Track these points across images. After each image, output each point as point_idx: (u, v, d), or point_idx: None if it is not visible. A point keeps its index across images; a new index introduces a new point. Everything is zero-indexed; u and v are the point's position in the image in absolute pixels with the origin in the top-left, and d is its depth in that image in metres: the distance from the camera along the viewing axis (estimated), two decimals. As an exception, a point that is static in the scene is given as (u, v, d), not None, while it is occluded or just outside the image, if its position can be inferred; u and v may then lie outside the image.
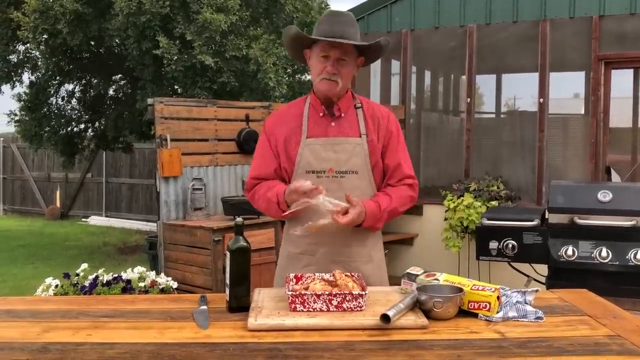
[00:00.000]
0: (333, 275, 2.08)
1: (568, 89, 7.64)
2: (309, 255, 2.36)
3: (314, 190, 2.15)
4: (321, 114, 2.36)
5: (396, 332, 1.79)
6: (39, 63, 8.88)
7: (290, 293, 1.94)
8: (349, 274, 2.11)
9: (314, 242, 2.35)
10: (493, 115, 7.42)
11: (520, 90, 7.20)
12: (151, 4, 7.02)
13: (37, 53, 8.76)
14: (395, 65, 7.05)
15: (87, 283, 4.27)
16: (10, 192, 14.39)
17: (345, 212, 2.19)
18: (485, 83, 7.15)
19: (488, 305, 1.92)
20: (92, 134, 9.45)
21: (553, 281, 3.74)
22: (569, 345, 1.70)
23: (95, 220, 12.50)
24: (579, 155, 6.24)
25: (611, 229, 3.65)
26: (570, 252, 3.69)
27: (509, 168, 6.41)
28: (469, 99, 6.49)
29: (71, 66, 8.61)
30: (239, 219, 2.07)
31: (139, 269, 4.61)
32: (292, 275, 2.13)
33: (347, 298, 1.92)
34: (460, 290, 1.96)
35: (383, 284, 2.41)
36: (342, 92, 2.36)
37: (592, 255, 3.65)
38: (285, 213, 2.26)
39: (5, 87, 9.19)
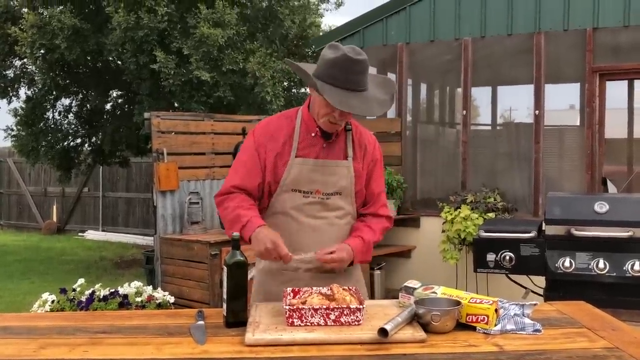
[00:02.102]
0: (331, 289, 2.07)
1: (563, 101, 7.69)
2: (291, 271, 2.33)
3: (286, 257, 2.15)
4: (313, 134, 2.30)
5: (394, 346, 1.79)
6: (36, 78, 8.89)
7: (287, 307, 1.93)
8: (346, 287, 2.10)
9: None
10: (489, 128, 7.45)
11: (515, 102, 7.24)
12: (149, 18, 7.05)
13: (34, 68, 8.78)
14: (391, 79, 7.07)
15: (83, 298, 4.25)
16: (7, 206, 14.35)
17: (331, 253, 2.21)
18: (480, 95, 7.18)
19: (486, 318, 1.92)
20: (89, 148, 9.44)
21: (551, 293, 3.73)
22: (567, 358, 1.70)
23: (92, 234, 12.46)
24: (575, 166, 6.26)
25: (608, 240, 3.65)
26: (567, 263, 3.69)
27: (505, 180, 6.42)
28: (464, 112, 6.52)
29: (68, 81, 8.62)
30: (235, 234, 2.07)
31: (136, 283, 4.60)
32: (289, 289, 2.12)
33: (345, 312, 1.92)
34: (458, 303, 1.95)
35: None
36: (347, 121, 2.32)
37: (590, 266, 3.66)
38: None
39: (2, 102, 9.19)
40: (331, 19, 34.78)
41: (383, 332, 1.79)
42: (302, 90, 9.38)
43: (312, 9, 9.15)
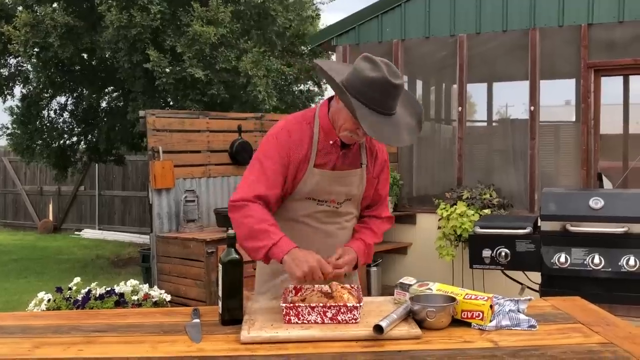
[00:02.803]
0: (330, 287, 2.07)
1: (558, 97, 7.70)
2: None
3: (328, 275, 2.10)
4: (331, 142, 2.22)
5: (389, 342, 1.79)
6: (31, 76, 8.87)
7: (284, 305, 1.93)
8: (347, 285, 2.09)
9: None
10: (485, 124, 7.45)
11: (511, 98, 7.25)
12: (141, 17, 7.03)
13: (29, 66, 8.76)
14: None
15: (79, 297, 4.24)
16: (3, 205, 14.31)
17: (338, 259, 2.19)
18: (476, 92, 7.18)
19: (481, 314, 1.93)
20: (84, 146, 9.43)
21: (546, 289, 3.74)
22: (562, 354, 1.71)
23: (88, 233, 12.44)
24: (570, 162, 6.27)
25: (603, 236, 3.66)
26: (563, 259, 3.70)
27: (501, 176, 6.43)
28: (460, 108, 6.52)
29: (63, 79, 8.60)
30: (231, 231, 2.07)
31: (132, 282, 4.59)
32: (291, 286, 2.12)
33: (342, 310, 1.92)
34: (453, 299, 1.96)
35: None
36: None
37: (585, 262, 3.67)
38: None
39: (-3, 101, 9.17)
40: (328, 16, 34.72)
41: (378, 328, 1.79)
42: (297, 87, 9.37)
43: (306, 6, 9.13)
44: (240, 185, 2.23)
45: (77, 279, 4.52)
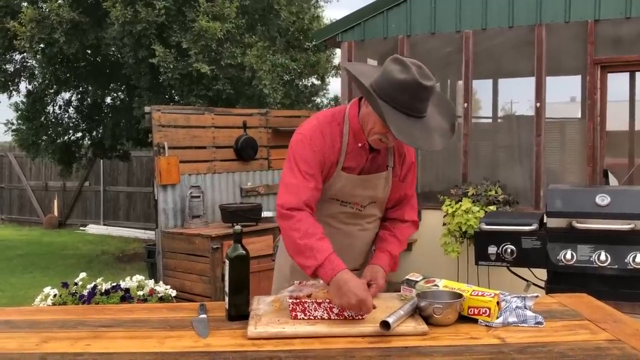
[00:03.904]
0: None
1: (564, 93, 7.68)
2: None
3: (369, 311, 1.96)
4: (360, 145, 2.18)
5: (396, 338, 1.79)
6: (36, 72, 8.88)
7: (290, 301, 1.93)
8: None
9: None
10: (490, 120, 7.43)
11: (516, 94, 7.23)
12: (147, 12, 7.03)
13: (34, 62, 8.76)
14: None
15: (85, 292, 4.26)
16: (8, 201, 14.36)
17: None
18: (482, 88, 7.17)
19: (488, 311, 1.92)
20: (89, 142, 9.44)
21: (552, 285, 3.73)
22: (569, 350, 1.70)
23: (94, 228, 12.47)
24: (576, 159, 6.25)
25: (609, 233, 3.65)
26: (569, 256, 3.69)
27: (506, 172, 6.42)
28: (465, 104, 6.50)
29: (68, 75, 8.60)
30: (237, 227, 2.07)
31: (138, 277, 4.61)
32: (296, 282, 2.12)
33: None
34: (460, 296, 1.96)
35: None
36: None
37: (591, 259, 3.65)
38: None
39: (2, 97, 9.17)
40: (332, 12, 34.67)
41: (385, 325, 1.79)
42: (303, 82, 9.35)
43: (311, 2, 9.12)
44: (283, 190, 2.15)
45: (82, 274, 4.53)
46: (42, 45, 7.81)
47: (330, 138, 2.17)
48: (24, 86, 9.15)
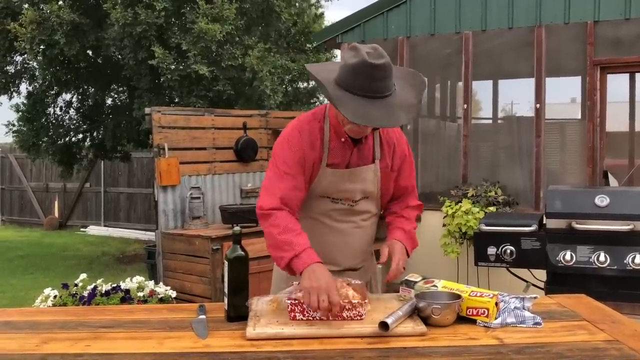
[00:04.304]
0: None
1: (564, 94, 7.69)
2: None
3: (336, 306, 1.93)
4: (343, 140, 2.20)
5: (395, 339, 1.80)
6: (37, 73, 8.89)
7: (289, 302, 1.94)
8: (350, 282, 2.09)
9: (326, 261, 2.32)
10: (490, 121, 7.44)
11: (516, 95, 7.23)
12: (146, 14, 7.04)
13: (35, 63, 8.77)
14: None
15: (85, 293, 4.26)
16: (9, 202, 14.37)
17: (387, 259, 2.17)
18: (481, 89, 7.17)
19: (486, 312, 1.93)
20: (90, 143, 9.45)
21: (552, 286, 3.73)
22: (567, 351, 1.71)
23: (94, 230, 12.48)
24: (576, 160, 6.25)
25: (609, 234, 3.65)
26: (568, 257, 3.69)
27: (506, 173, 6.42)
28: (465, 105, 6.51)
29: (69, 76, 8.62)
30: (236, 228, 2.08)
31: (138, 278, 4.61)
32: (296, 283, 2.12)
33: (347, 307, 1.92)
34: (459, 296, 1.96)
35: None
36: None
37: (590, 260, 3.66)
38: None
39: (3, 98, 9.19)
40: (332, 13, 34.67)
41: (384, 325, 1.80)
42: (303, 84, 9.36)
43: (311, 2, 9.13)
44: (263, 192, 2.20)
45: (83, 275, 4.54)
46: (42, 47, 7.83)
47: (309, 136, 2.19)
48: (24, 87, 9.18)
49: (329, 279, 1.96)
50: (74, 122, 9.23)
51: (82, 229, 12.69)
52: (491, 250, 3.94)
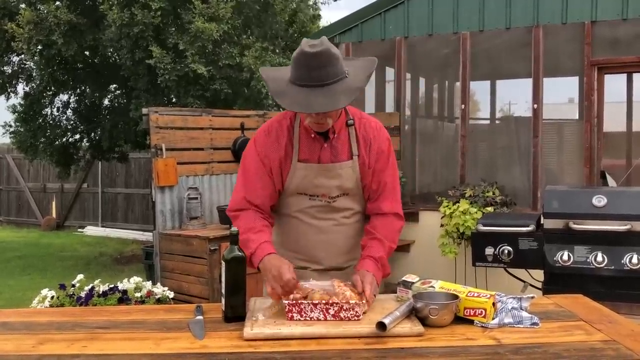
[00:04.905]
0: (332, 284, 2.07)
1: (562, 94, 7.68)
2: (299, 268, 2.28)
3: (289, 281, 1.99)
4: (313, 135, 2.21)
5: (392, 340, 1.79)
6: (34, 74, 8.88)
7: (287, 302, 1.94)
8: (347, 282, 2.10)
9: (307, 259, 2.33)
10: (488, 121, 7.44)
11: (514, 96, 7.24)
12: (143, 15, 7.03)
13: (32, 64, 8.76)
14: (390, 73, 7.07)
15: (83, 294, 4.25)
16: (6, 202, 14.34)
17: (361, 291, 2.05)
18: (479, 89, 7.17)
19: (484, 312, 1.93)
20: (87, 144, 9.44)
21: (549, 286, 3.74)
22: (564, 351, 1.71)
23: (92, 230, 12.46)
24: (573, 160, 6.26)
25: (606, 234, 3.65)
26: (565, 257, 3.70)
27: (504, 174, 6.43)
28: (463, 106, 6.51)
29: (66, 76, 8.60)
30: (234, 228, 2.07)
31: (135, 279, 4.60)
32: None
33: (344, 307, 1.92)
34: (456, 297, 1.96)
35: None
36: (337, 118, 2.18)
37: (588, 260, 3.66)
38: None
39: (0, 99, 9.18)
40: (330, 14, 34.62)
41: (381, 326, 1.80)
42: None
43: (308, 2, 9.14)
44: (232, 194, 2.31)
45: (80, 276, 4.52)
46: (39, 47, 7.82)
47: (276, 134, 2.23)
48: (21, 88, 9.17)
49: (278, 263, 2.04)
50: (71, 122, 9.22)
51: (79, 230, 12.67)
52: (489, 251, 3.95)
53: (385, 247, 2.25)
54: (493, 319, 1.94)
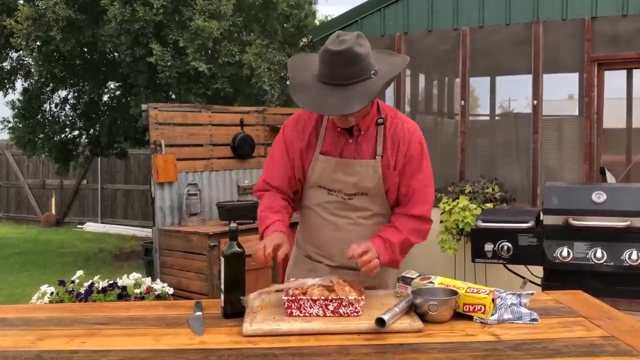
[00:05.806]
0: (330, 280, 2.07)
1: (562, 91, 7.66)
2: (315, 261, 2.35)
3: (260, 250, 2.06)
4: (339, 130, 2.19)
5: (391, 335, 1.79)
6: (32, 70, 8.87)
7: (286, 298, 1.93)
8: (348, 279, 2.09)
9: (322, 254, 2.34)
10: (487, 118, 7.43)
11: (514, 92, 7.22)
12: (144, 11, 7.01)
13: (30, 60, 8.75)
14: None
15: (82, 290, 4.26)
16: (5, 199, 14.34)
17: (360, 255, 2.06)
18: (479, 85, 7.16)
19: (483, 308, 1.93)
20: (86, 140, 9.44)
21: (548, 283, 3.74)
22: (563, 347, 1.71)
23: (91, 226, 12.46)
24: (573, 156, 6.25)
25: (606, 230, 3.65)
26: (565, 253, 3.70)
27: (503, 170, 6.42)
28: (463, 102, 6.50)
29: (64, 72, 8.59)
30: (233, 225, 2.07)
31: (135, 275, 4.61)
32: (292, 279, 2.12)
33: (344, 303, 1.92)
34: (455, 293, 1.96)
35: None
36: (362, 116, 2.15)
37: (587, 256, 3.66)
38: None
39: (-1, 94, 9.17)
40: (330, 9, 34.60)
41: (380, 322, 1.80)
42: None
43: None
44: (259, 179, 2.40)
45: (79, 272, 4.53)
46: (38, 43, 7.80)
47: (303, 124, 2.25)
48: (20, 84, 9.15)
49: (267, 239, 2.11)
50: (70, 118, 9.20)
51: (79, 226, 12.67)
52: (488, 247, 3.95)
53: (401, 235, 2.18)
54: (492, 315, 1.93)
